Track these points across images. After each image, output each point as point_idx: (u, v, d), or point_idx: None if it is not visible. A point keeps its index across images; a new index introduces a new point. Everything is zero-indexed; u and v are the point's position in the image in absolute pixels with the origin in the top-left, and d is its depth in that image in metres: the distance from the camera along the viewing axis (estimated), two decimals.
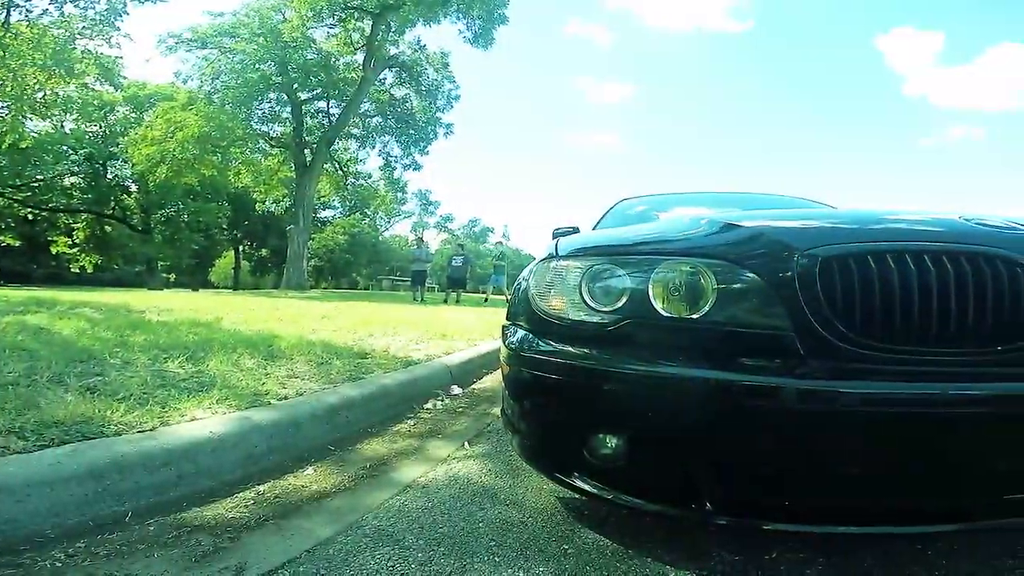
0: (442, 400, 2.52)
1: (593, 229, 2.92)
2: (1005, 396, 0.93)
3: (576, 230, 2.59)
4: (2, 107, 15.05)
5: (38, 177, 22.52)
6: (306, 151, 17.94)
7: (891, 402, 0.92)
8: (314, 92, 18.12)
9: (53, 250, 26.20)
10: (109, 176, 26.00)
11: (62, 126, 21.40)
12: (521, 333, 1.29)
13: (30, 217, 24.06)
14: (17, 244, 24.57)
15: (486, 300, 13.23)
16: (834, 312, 0.95)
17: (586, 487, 1.12)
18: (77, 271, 26.90)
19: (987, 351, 0.95)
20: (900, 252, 0.98)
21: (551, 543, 1.18)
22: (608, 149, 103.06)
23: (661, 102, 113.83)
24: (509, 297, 1.64)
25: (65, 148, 22.18)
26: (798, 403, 0.93)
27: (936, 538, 1.16)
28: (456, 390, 2.71)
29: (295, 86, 17.16)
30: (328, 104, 18.87)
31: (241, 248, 36.87)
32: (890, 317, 0.95)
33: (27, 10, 12.56)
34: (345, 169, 21.24)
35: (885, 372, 0.94)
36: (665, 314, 1.05)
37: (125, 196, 26.88)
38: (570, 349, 1.13)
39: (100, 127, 23.84)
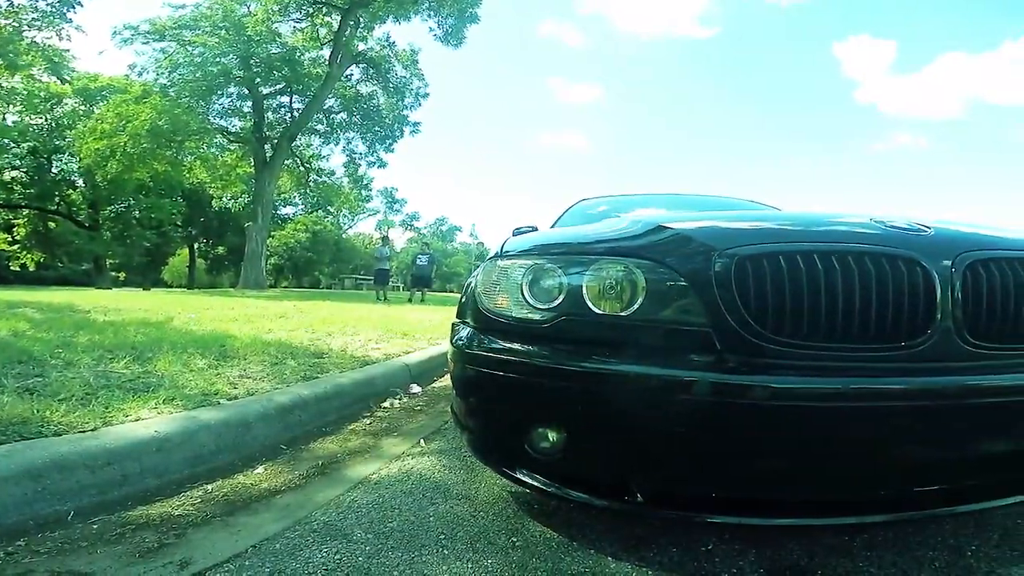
0: (400, 399, 2.52)
1: (551, 228, 2.97)
2: (905, 391, 0.97)
3: (535, 229, 2.62)
4: None
5: None
6: (266, 146, 17.46)
7: (794, 396, 0.96)
8: (277, 87, 17.62)
9: None
10: (54, 170, 24.68)
11: (4, 118, 20.23)
12: (467, 331, 1.32)
13: None
14: None
15: None
16: (748, 309, 0.99)
17: (529, 480, 1.15)
18: (17, 269, 25.46)
19: (890, 347, 0.99)
20: (810, 252, 1.02)
21: (500, 536, 1.20)
22: (577, 149, 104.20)
23: (629, 104, 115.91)
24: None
25: (6, 141, 20.93)
26: (711, 397, 0.97)
27: (862, 530, 1.19)
28: (415, 389, 2.71)
29: (257, 80, 16.64)
30: (291, 99, 18.37)
31: (196, 246, 35.57)
32: (799, 314, 0.99)
33: None
34: (307, 165, 20.76)
35: (793, 367, 0.98)
36: (598, 311, 1.09)
37: (71, 191, 25.56)
38: (511, 346, 1.17)
39: (46, 120, 22.60)
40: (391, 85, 18.99)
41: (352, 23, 16.62)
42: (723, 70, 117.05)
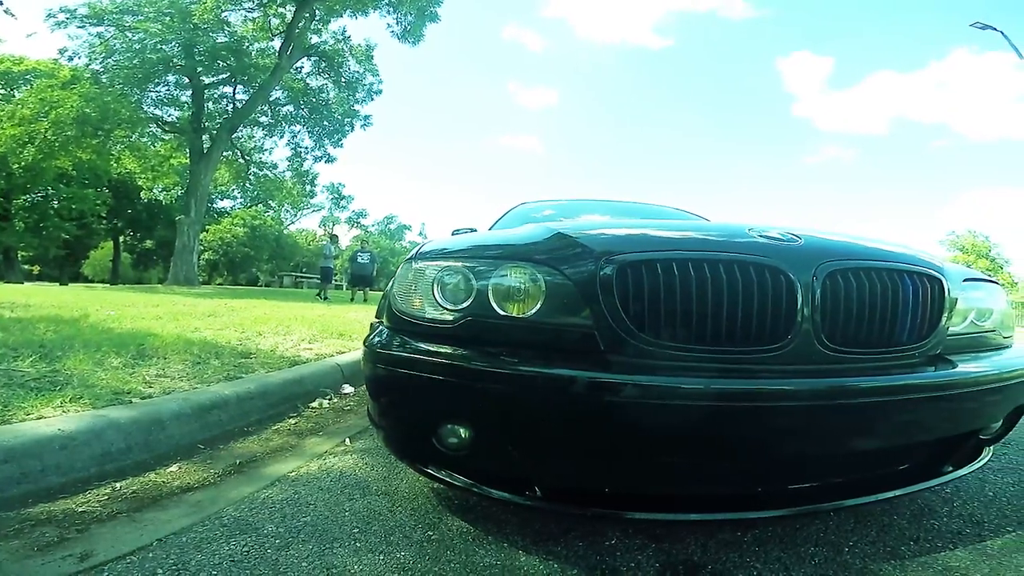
0: (330, 399, 2.50)
1: (489, 229, 3.00)
2: (762, 392, 1.02)
3: (474, 230, 2.66)
4: None
5: None
6: (204, 137, 16.67)
7: (659, 394, 1.00)
8: (220, 77, 16.85)
9: None
10: None
11: None
12: (381, 330, 1.35)
13: None
14: None
15: None
16: (627, 313, 1.06)
17: (439, 475, 1.19)
18: None
19: (755, 350, 1.05)
20: (685, 260, 1.08)
21: (416, 530, 1.23)
22: (531, 151, 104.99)
23: (584, 109, 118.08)
24: None
25: None
26: (588, 394, 1.01)
27: (753, 526, 1.24)
28: (347, 389, 2.70)
29: (199, 70, 15.86)
30: (234, 90, 17.62)
31: (122, 239, 33.40)
32: (672, 317, 1.05)
33: None
34: (248, 158, 19.94)
35: (665, 367, 1.03)
36: (502, 313, 1.14)
37: None
38: (420, 345, 1.19)
39: None
40: (343, 80, 18.53)
41: (307, 15, 16.16)
42: (675, 80, 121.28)
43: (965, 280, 1.36)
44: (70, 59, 15.07)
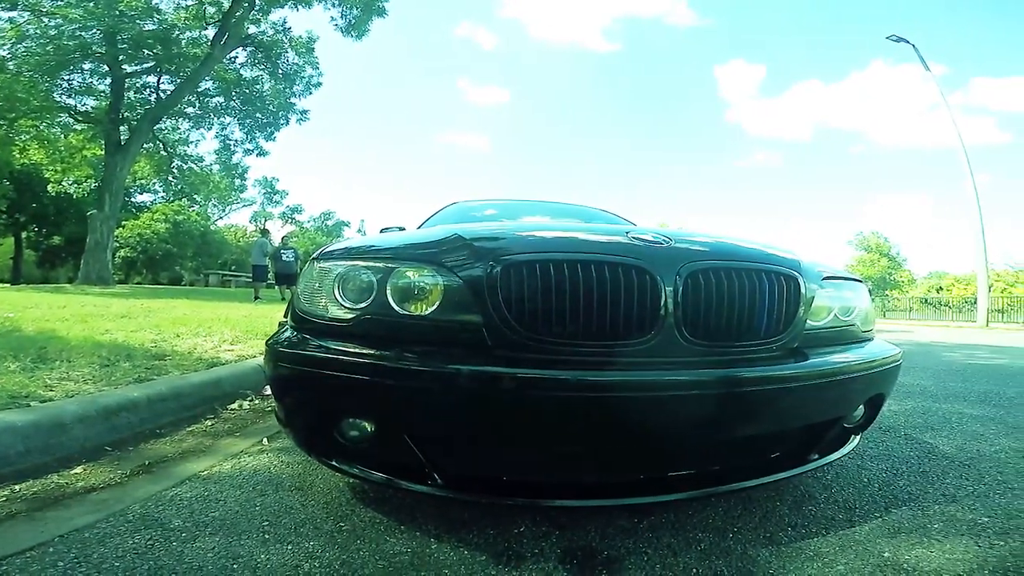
0: (251, 400, 2.48)
1: (418, 228, 3.02)
2: (626, 382, 1.08)
3: (403, 229, 2.69)
4: None
5: None
6: (123, 128, 15.58)
7: (529, 385, 1.06)
8: (144, 66, 15.75)
9: None
10: None
11: None
12: (285, 329, 1.38)
13: None
14: None
15: None
16: (509, 310, 1.12)
17: (346, 468, 1.23)
18: None
19: (623, 344, 1.13)
20: (561, 261, 1.14)
21: (328, 522, 1.25)
22: (479, 149, 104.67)
23: (532, 109, 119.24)
24: None
25: None
26: (467, 386, 1.07)
27: (649, 513, 1.30)
28: (269, 390, 2.68)
29: (121, 58, 14.74)
30: (159, 79, 16.54)
31: (25, 235, 30.55)
32: (548, 314, 1.12)
33: None
34: (171, 150, 18.82)
35: (541, 360, 1.09)
36: (400, 311, 1.19)
37: None
38: (321, 343, 1.22)
39: None
40: (280, 71, 17.79)
41: (246, 4, 15.37)
42: (621, 84, 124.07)
43: (826, 278, 1.44)
44: None
